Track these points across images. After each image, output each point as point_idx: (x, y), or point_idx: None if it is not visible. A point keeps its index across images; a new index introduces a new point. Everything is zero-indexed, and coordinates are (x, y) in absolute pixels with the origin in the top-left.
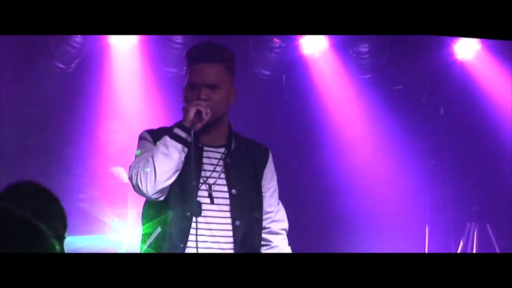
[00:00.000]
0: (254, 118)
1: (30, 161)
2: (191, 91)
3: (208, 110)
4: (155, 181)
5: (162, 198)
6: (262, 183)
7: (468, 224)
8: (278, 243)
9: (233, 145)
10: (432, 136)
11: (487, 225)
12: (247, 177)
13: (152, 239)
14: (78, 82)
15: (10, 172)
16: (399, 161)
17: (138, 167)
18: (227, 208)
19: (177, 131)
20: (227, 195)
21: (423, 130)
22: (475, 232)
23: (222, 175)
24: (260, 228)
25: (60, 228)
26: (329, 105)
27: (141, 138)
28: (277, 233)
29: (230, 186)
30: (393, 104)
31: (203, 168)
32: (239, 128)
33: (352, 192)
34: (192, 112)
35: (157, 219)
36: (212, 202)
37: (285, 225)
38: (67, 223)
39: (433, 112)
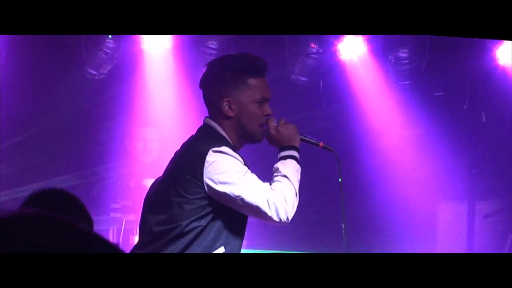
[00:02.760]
0: None
1: (61, 169)
2: (260, 105)
3: None
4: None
5: None
6: None
7: (510, 235)
8: None
9: None
10: (473, 144)
11: None
12: None
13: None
14: (110, 89)
15: (41, 180)
16: (439, 170)
17: (286, 199)
18: None
19: (296, 154)
20: None
21: (464, 138)
22: None
23: None
24: None
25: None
26: (368, 112)
27: (229, 154)
28: None
29: None
30: (433, 111)
31: None
32: None
33: (390, 198)
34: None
35: (222, 237)
36: None
37: None
38: (93, 226)
39: (475, 119)
